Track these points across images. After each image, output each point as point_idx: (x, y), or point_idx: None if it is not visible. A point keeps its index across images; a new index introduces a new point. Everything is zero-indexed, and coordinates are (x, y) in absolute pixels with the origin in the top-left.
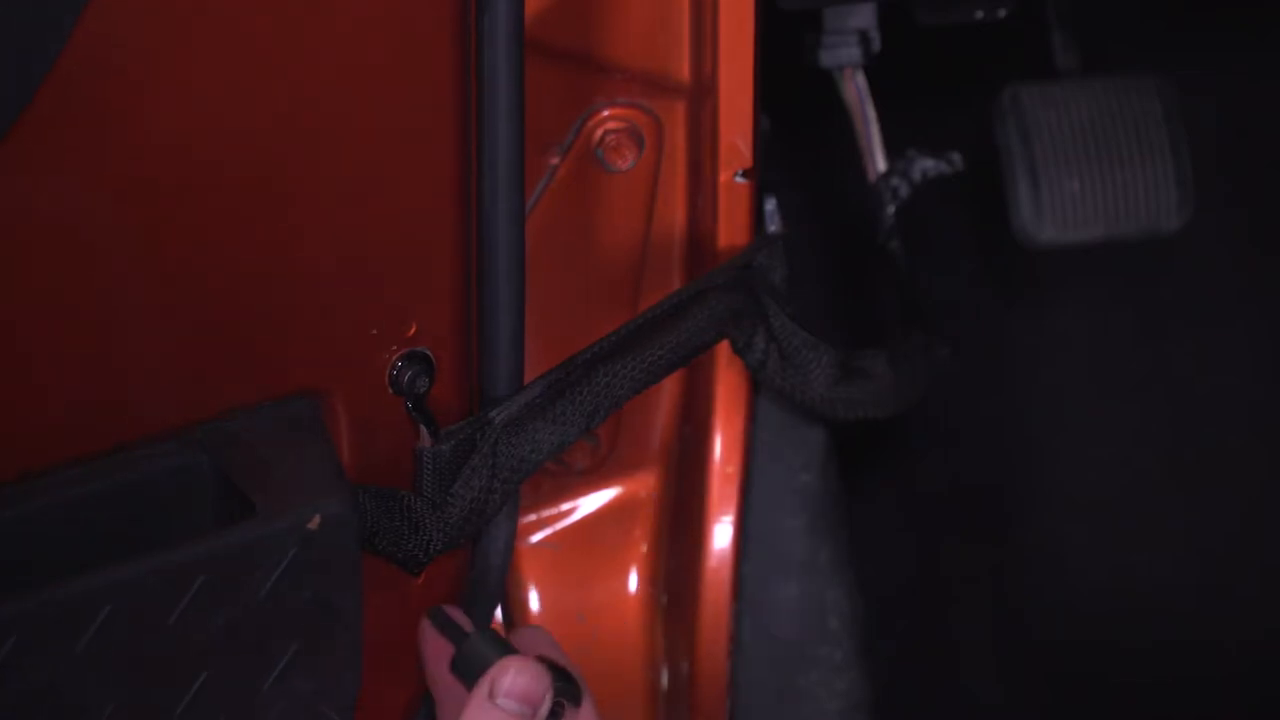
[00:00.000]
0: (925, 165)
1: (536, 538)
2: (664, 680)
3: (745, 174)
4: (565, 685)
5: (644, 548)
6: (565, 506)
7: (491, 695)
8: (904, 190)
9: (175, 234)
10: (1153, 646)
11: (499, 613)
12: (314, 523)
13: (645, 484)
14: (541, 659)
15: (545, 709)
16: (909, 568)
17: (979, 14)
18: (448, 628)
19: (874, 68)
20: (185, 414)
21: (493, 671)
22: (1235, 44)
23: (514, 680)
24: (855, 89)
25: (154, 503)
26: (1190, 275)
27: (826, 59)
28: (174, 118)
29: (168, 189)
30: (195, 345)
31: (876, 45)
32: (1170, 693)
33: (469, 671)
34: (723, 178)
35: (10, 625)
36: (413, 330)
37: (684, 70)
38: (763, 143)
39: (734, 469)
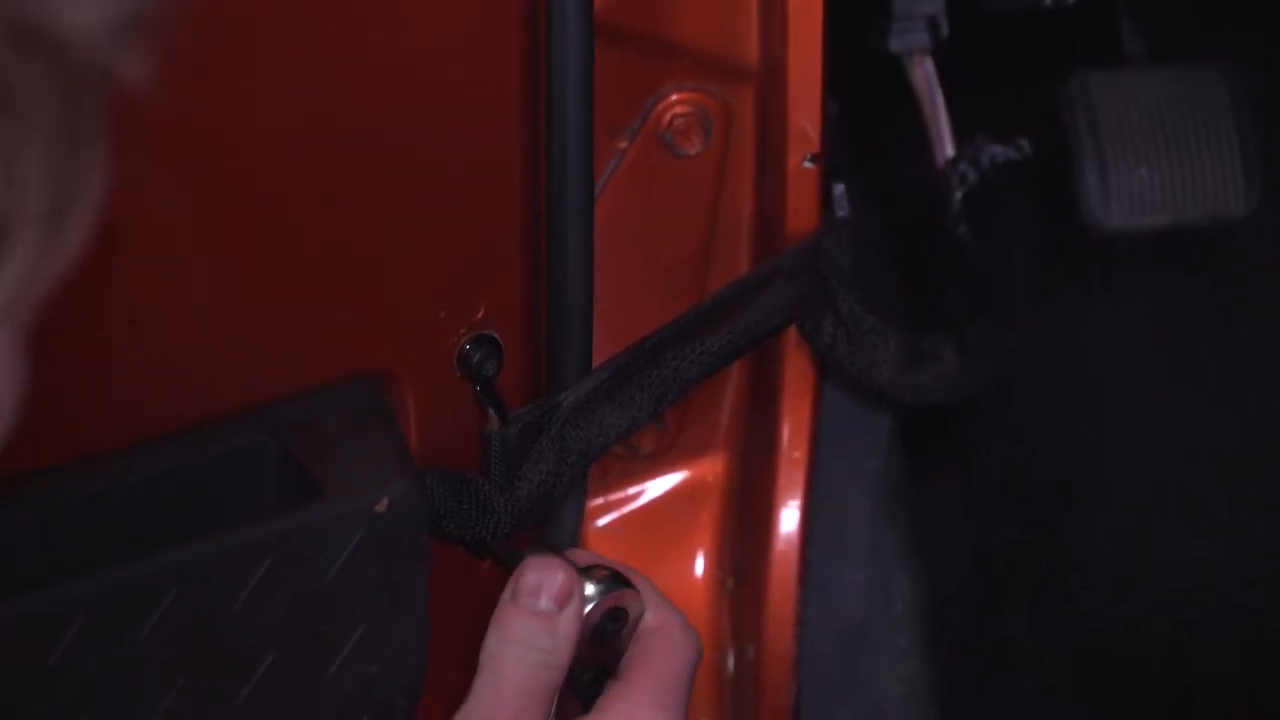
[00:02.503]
0: (993, 151)
1: (603, 521)
2: (730, 663)
3: (813, 159)
4: (624, 590)
5: (711, 531)
6: (632, 490)
7: (514, 597)
8: (972, 176)
9: (243, 216)
10: (1220, 645)
11: None
12: (381, 505)
13: (712, 468)
14: (599, 566)
15: (577, 604)
16: (968, 559)
17: (1046, 0)
18: (504, 554)
19: (942, 54)
20: (251, 395)
21: (512, 576)
22: None
23: (531, 577)
24: (924, 74)
25: (219, 484)
26: (1254, 266)
27: (895, 44)
28: (240, 99)
29: (236, 171)
30: (262, 327)
31: (945, 30)
32: (1233, 691)
33: None
34: (791, 162)
35: (77, 606)
36: (481, 313)
37: (752, 54)
38: (831, 128)
39: (801, 454)
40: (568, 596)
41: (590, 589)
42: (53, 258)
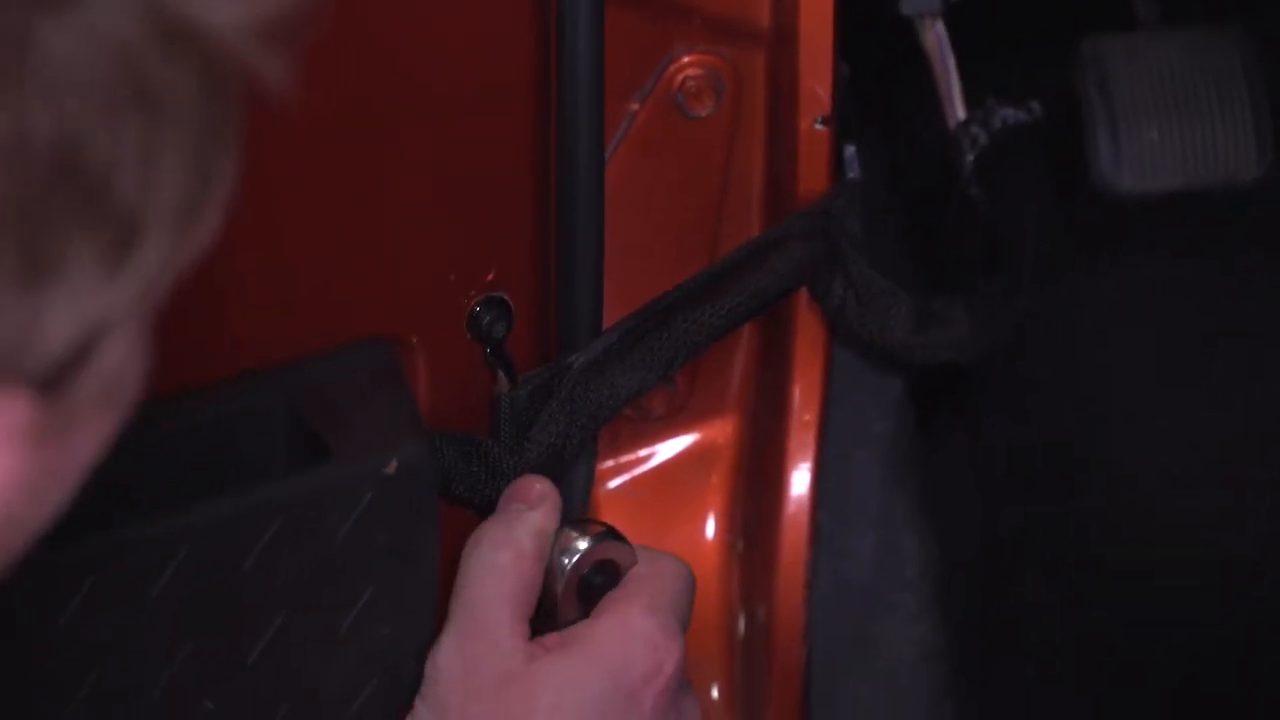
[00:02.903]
0: (1005, 114)
1: (614, 484)
2: (741, 626)
3: (824, 121)
4: (617, 544)
5: (721, 494)
6: (643, 452)
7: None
8: (983, 139)
9: (254, 178)
10: (1229, 627)
11: None
12: (391, 467)
13: (723, 430)
14: (595, 521)
15: (549, 506)
16: (975, 532)
17: None
18: None
19: (953, 16)
20: (261, 358)
21: None
22: None
23: (509, 490)
24: (935, 36)
25: (227, 446)
26: (1266, 233)
27: (907, 6)
28: None
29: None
30: (272, 290)
31: None
32: (1238, 672)
33: None
34: (802, 124)
35: (86, 568)
36: (491, 275)
37: (764, 16)
38: (842, 90)
39: (812, 416)
40: (540, 498)
41: (583, 543)
42: (182, 252)
